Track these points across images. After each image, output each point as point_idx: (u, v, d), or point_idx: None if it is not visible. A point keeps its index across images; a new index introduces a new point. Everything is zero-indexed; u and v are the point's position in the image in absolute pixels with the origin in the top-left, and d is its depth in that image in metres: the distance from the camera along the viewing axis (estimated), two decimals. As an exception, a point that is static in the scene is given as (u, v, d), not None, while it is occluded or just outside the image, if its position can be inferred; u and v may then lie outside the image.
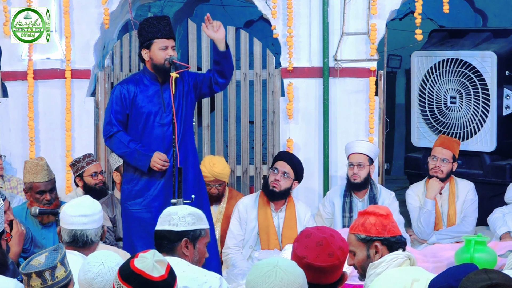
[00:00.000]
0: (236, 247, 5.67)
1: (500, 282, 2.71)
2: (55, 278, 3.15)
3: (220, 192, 6.04)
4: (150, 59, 5.13)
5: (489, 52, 7.00)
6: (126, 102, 5.14)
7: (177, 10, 10.59)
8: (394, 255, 3.56)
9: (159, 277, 2.88)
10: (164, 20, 5.16)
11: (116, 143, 5.12)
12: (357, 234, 3.62)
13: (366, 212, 3.65)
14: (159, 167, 5.03)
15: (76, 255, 3.75)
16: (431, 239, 5.96)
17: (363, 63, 6.64)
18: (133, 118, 5.16)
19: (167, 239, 3.60)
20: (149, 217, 5.10)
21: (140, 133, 5.15)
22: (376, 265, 3.55)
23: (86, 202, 3.88)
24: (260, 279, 2.79)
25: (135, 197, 5.15)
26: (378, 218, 3.60)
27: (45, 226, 5.45)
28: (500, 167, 7.08)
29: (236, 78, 6.91)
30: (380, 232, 3.59)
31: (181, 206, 3.78)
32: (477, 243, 5.01)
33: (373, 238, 3.59)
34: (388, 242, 3.59)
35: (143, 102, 5.14)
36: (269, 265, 2.82)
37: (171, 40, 5.13)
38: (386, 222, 3.61)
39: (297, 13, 6.65)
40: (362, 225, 3.62)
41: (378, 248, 3.59)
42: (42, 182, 5.40)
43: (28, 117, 6.68)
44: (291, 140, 6.66)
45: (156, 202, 5.12)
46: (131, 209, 5.17)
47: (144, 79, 5.19)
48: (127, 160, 5.16)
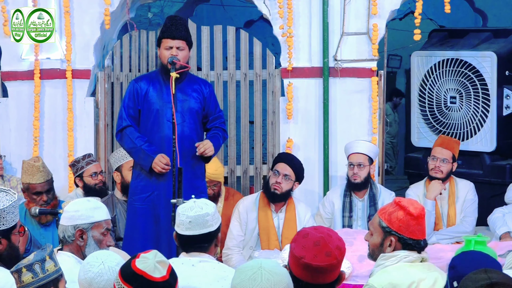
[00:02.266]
0: (236, 247, 5.67)
1: (500, 281, 2.72)
2: (46, 271, 3.15)
3: (216, 192, 6.03)
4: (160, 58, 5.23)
5: (489, 52, 7.00)
6: (139, 98, 5.22)
7: (177, 10, 10.61)
8: (407, 252, 3.56)
9: (160, 277, 2.88)
10: (174, 20, 5.21)
11: (125, 138, 5.19)
12: (382, 220, 3.61)
13: (400, 203, 3.62)
14: (159, 170, 5.05)
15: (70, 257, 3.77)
16: (431, 239, 5.96)
17: (363, 63, 6.64)
18: (144, 114, 5.23)
19: (208, 240, 3.72)
20: (152, 214, 5.14)
21: (149, 129, 5.21)
22: (387, 257, 3.56)
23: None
24: (246, 283, 2.79)
25: (140, 193, 5.19)
26: (407, 216, 3.58)
27: (43, 226, 5.45)
28: (500, 167, 7.08)
29: (236, 78, 6.91)
30: (401, 229, 3.58)
31: (198, 207, 3.76)
32: (477, 243, 5.00)
33: (392, 231, 3.59)
34: (404, 241, 3.59)
35: (154, 99, 5.21)
36: (253, 267, 2.83)
37: (177, 41, 5.15)
38: (412, 223, 3.58)
39: (297, 13, 6.65)
40: (389, 214, 3.61)
41: (392, 243, 3.59)
42: (38, 184, 5.40)
43: (33, 117, 6.68)
44: (291, 140, 6.66)
45: (159, 199, 5.15)
46: (136, 204, 5.20)
47: (159, 77, 5.26)
48: (132, 156, 5.25)
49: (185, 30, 5.21)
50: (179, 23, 5.19)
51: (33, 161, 5.52)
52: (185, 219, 3.68)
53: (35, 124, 6.68)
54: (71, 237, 3.83)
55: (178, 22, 5.20)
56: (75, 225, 3.83)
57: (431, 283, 3.50)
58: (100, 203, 3.98)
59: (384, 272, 3.52)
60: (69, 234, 3.83)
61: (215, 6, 10.91)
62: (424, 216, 3.66)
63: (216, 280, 3.55)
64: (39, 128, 6.70)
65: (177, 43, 5.15)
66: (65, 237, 3.84)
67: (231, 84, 6.91)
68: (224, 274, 3.61)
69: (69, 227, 3.83)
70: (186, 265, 3.60)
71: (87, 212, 3.85)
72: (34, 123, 6.68)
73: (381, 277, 3.50)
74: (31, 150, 6.70)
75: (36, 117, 6.68)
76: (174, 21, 5.20)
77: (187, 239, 3.70)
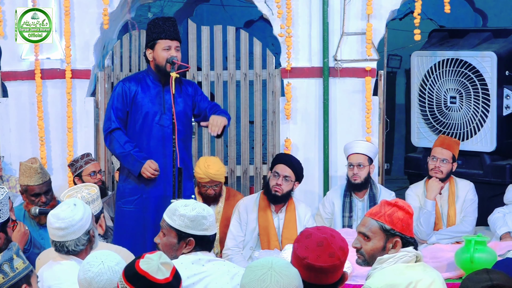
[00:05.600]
0: (236, 248, 5.66)
1: (501, 283, 2.71)
2: (15, 269, 3.13)
3: (217, 192, 6.02)
4: (153, 59, 5.17)
5: (489, 52, 6.99)
6: (127, 99, 5.20)
7: (177, 10, 10.60)
8: (404, 252, 3.56)
9: (163, 279, 2.86)
10: (170, 21, 5.18)
11: (113, 142, 5.17)
12: (383, 223, 3.59)
13: (396, 204, 3.61)
14: (148, 175, 5.08)
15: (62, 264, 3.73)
16: (431, 239, 5.96)
17: (363, 63, 6.64)
18: (132, 116, 5.20)
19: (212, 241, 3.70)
20: (141, 216, 5.16)
21: (138, 132, 5.19)
22: (384, 260, 3.54)
23: (64, 213, 3.72)
24: (255, 283, 2.76)
25: (129, 195, 5.20)
26: (406, 215, 3.59)
27: (43, 226, 5.43)
28: (500, 167, 7.08)
29: (236, 78, 6.91)
30: (404, 229, 3.58)
31: (200, 208, 3.73)
32: (477, 243, 5.01)
33: (396, 233, 3.58)
34: (406, 241, 3.59)
35: (143, 101, 5.17)
36: (263, 267, 2.79)
37: (175, 41, 5.14)
38: (410, 222, 3.61)
39: (297, 13, 6.65)
40: (389, 216, 3.59)
41: (398, 243, 3.58)
42: (36, 185, 5.38)
43: (38, 117, 6.68)
44: (289, 140, 6.66)
45: (149, 203, 5.15)
46: (124, 207, 5.22)
47: (147, 79, 5.22)
48: (121, 161, 5.23)
49: (177, 30, 5.22)
50: (173, 24, 5.18)
51: (31, 162, 5.48)
52: (211, 219, 3.66)
53: (39, 124, 6.67)
54: (85, 243, 3.76)
55: (173, 23, 5.19)
56: (86, 230, 3.76)
57: (429, 283, 3.50)
58: (78, 200, 3.89)
59: (381, 274, 3.52)
60: (83, 242, 3.74)
61: (215, 6, 10.90)
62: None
63: (231, 278, 3.54)
64: (43, 128, 6.69)
65: (175, 43, 5.15)
66: (78, 246, 3.73)
67: (231, 84, 6.91)
68: (235, 270, 3.59)
69: (81, 236, 3.73)
70: (197, 265, 3.58)
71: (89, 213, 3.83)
72: (38, 123, 6.67)
73: (379, 279, 3.50)
74: (31, 150, 6.69)
75: (40, 117, 6.67)
76: (170, 22, 5.17)
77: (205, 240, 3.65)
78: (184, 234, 3.56)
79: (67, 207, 3.74)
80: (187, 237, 3.57)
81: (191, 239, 3.57)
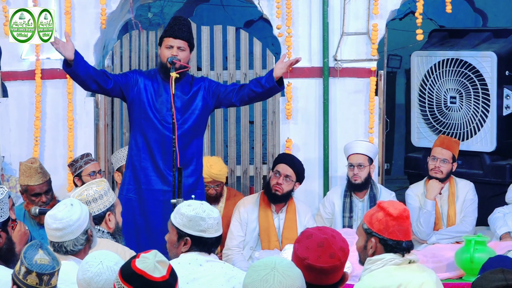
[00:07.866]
0: (237, 248, 5.67)
1: (516, 284, 2.66)
2: (49, 284, 3.14)
3: (218, 192, 6.04)
4: (159, 56, 5.25)
5: (489, 52, 7.00)
6: (131, 85, 5.23)
7: (177, 10, 10.59)
8: (392, 255, 3.55)
9: (160, 277, 2.87)
10: (178, 20, 5.22)
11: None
12: (363, 222, 3.62)
13: (381, 205, 3.61)
14: (56, 46, 5.10)
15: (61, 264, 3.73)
16: (431, 239, 5.96)
17: (363, 63, 6.64)
18: (135, 108, 5.23)
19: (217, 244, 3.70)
20: (137, 207, 5.19)
21: (140, 124, 5.22)
22: (373, 261, 3.55)
23: (61, 214, 3.71)
24: (258, 284, 2.76)
25: (128, 184, 5.25)
26: (386, 216, 3.56)
27: (43, 226, 5.43)
28: (500, 167, 7.08)
29: (236, 78, 6.91)
30: (381, 231, 3.56)
31: (209, 210, 3.73)
32: (477, 243, 5.01)
33: (372, 232, 3.59)
34: (384, 243, 3.57)
35: (149, 96, 5.21)
36: (266, 267, 2.79)
37: (179, 40, 5.15)
38: (392, 223, 3.55)
39: (297, 13, 6.65)
40: (371, 216, 3.61)
41: (373, 244, 3.58)
42: (36, 185, 5.38)
43: (35, 117, 6.67)
44: (290, 140, 6.66)
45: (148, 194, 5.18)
46: (122, 194, 5.25)
47: (157, 75, 5.26)
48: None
49: (188, 31, 5.20)
50: (183, 24, 5.20)
51: (30, 162, 5.49)
52: (210, 222, 3.66)
53: (36, 124, 6.67)
54: (84, 243, 3.75)
55: (182, 22, 5.21)
56: (83, 230, 3.74)
57: (418, 285, 3.49)
58: (75, 200, 3.87)
59: (370, 277, 3.51)
60: (81, 242, 3.73)
61: (215, 6, 10.90)
62: (406, 217, 3.59)
63: (227, 280, 3.54)
64: (40, 128, 6.69)
65: (179, 43, 5.15)
66: (76, 246, 3.72)
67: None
68: (233, 273, 3.59)
69: (79, 236, 3.72)
70: (194, 265, 3.58)
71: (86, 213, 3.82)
72: (35, 123, 6.67)
73: (367, 282, 3.49)
74: (31, 150, 6.69)
75: (38, 117, 6.67)
76: (178, 21, 5.21)
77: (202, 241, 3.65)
78: (182, 233, 3.61)
79: (64, 208, 3.73)
80: (184, 236, 3.60)
81: (188, 239, 3.60)
